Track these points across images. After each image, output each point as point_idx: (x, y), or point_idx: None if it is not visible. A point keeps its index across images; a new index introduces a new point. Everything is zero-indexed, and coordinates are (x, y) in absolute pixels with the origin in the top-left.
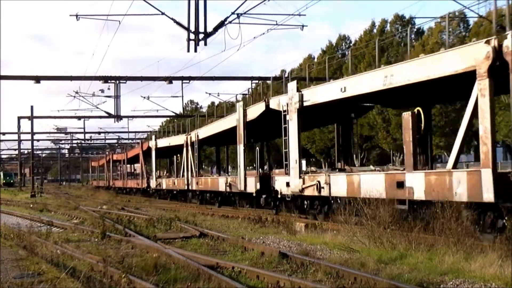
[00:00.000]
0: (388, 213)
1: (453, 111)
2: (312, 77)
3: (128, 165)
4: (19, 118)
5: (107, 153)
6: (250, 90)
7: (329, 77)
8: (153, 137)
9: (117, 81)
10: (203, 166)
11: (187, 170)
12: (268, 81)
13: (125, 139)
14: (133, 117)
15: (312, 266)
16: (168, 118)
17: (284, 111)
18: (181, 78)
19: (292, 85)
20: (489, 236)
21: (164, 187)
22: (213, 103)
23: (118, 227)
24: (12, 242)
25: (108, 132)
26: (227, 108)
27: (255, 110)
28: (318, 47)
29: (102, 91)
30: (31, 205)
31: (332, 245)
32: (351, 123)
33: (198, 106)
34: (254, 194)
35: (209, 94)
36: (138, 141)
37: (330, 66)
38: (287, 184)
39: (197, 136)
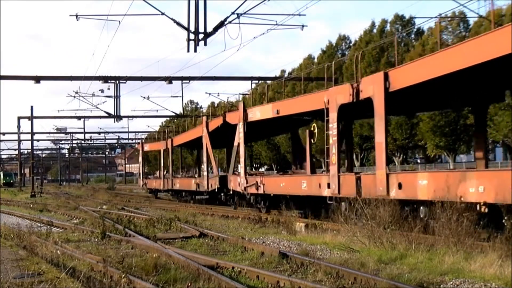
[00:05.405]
0: (388, 213)
1: (452, 111)
2: (312, 77)
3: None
4: (19, 118)
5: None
6: (250, 90)
7: (328, 77)
8: None
9: (117, 81)
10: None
11: None
12: (267, 81)
13: (125, 139)
14: (133, 117)
15: (312, 266)
16: (168, 118)
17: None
18: (181, 78)
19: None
20: None
21: None
22: (213, 103)
23: (118, 227)
24: (12, 242)
25: (108, 132)
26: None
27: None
28: (318, 47)
29: (102, 91)
30: (31, 205)
31: (332, 245)
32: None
33: (198, 106)
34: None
35: (209, 94)
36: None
37: (330, 67)
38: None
39: None
